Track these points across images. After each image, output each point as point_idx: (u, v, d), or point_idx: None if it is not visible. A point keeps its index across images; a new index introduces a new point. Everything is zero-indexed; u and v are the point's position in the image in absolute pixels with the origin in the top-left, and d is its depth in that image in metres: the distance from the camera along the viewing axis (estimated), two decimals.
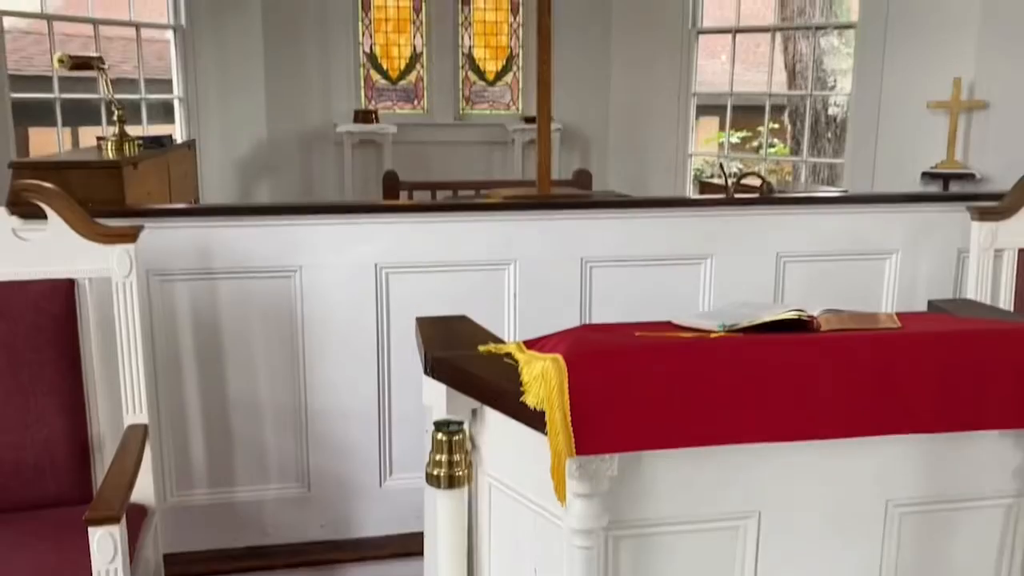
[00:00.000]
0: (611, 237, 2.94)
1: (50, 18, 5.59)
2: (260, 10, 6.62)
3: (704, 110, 8.91)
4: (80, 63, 3.20)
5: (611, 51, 7.32)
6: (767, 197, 3.12)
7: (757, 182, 3.33)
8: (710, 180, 5.53)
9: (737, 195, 3.05)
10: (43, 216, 2.22)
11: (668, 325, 1.57)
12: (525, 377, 1.39)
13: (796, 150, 9.40)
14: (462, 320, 1.84)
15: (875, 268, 3.07)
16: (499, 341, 1.66)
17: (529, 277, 2.89)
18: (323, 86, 7.03)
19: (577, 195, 3.66)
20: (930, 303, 2.04)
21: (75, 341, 2.27)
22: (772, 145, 9.18)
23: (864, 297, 3.03)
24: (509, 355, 1.51)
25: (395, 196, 5.61)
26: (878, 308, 3.03)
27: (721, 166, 4.29)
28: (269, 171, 6.89)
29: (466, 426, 1.55)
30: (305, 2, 6.82)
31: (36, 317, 2.22)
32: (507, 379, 1.43)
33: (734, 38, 7.15)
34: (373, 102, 7.33)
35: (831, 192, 4.40)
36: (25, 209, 2.26)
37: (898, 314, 1.61)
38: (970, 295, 2.58)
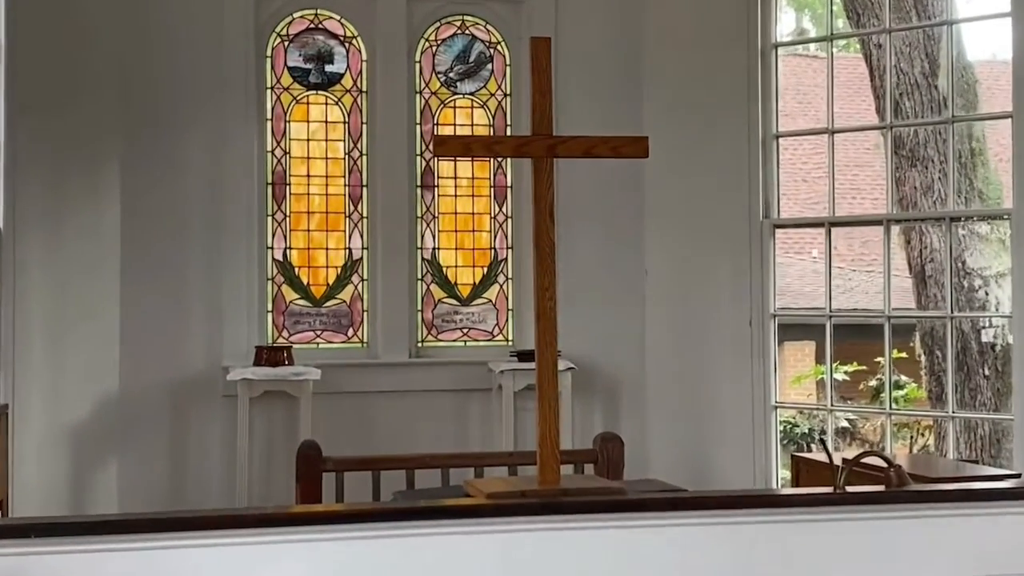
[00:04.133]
0: (658, 557, 2.95)
1: None
2: (119, 207, 6.93)
3: (789, 330, 9.08)
4: None
5: (645, 250, 7.59)
6: (900, 492, 3.14)
7: (881, 463, 3.37)
8: (807, 455, 5.56)
9: (851, 488, 3.08)
10: None
11: None
12: None
13: (938, 394, 9.54)
14: None
15: None
16: None
17: None
18: (209, 312, 7.21)
19: (602, 489, 3.65)
20: None
21: None
22: (899, 385, 9.33)
23: None
24: None
25: (316, 481, 5.60)
26: None
27: (823, 441, 4.33)
28: (120, 444, 6.93)
29: None
30: (187, 195, 7.13)
31: None
32: None
33: (829, 232, 7.43)
34: (286, 333, 7.51)
35: (999, 478, 4.41)
36: None
37: None
38: None
